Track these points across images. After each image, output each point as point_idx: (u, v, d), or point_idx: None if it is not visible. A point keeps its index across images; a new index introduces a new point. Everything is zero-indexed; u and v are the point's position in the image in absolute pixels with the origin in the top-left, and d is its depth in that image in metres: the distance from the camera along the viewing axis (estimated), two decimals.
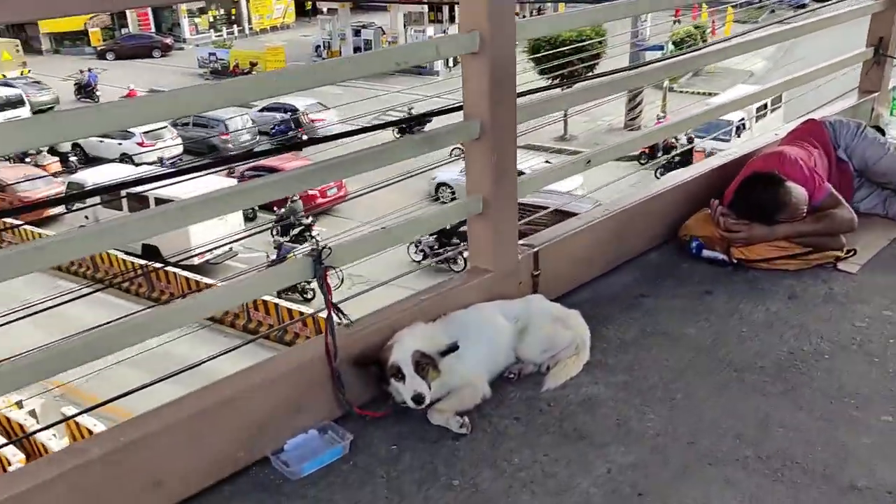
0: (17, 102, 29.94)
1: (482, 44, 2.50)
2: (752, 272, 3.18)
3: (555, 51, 27.75)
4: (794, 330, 2.77)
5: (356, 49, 38.89)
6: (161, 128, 26.33)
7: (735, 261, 3.20)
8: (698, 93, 30.75)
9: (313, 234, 18.70)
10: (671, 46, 29.65)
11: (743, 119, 22.39)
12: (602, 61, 27.22)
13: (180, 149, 26.75)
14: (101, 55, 43.25)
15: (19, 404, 14.20)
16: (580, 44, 28.15)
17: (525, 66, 23.47)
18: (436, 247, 18.34)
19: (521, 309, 2.69)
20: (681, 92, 30.95)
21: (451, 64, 39.82)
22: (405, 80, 32.73)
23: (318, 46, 41.90)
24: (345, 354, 2.36)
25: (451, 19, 46.23)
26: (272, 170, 20.73)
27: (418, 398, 2.31)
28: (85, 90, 34.41)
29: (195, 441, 2.10)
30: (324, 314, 2.32)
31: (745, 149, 3.78)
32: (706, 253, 3.26)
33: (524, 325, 2.64)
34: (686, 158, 22.80)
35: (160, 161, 24.72)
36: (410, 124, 19.68)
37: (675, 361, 2.62)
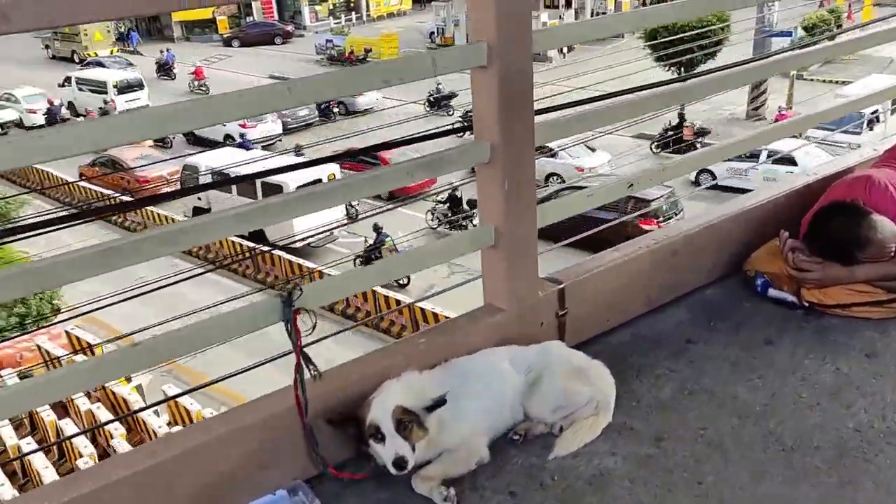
0: (136, 85, 31.45)
1: (490, 56, 2.17)
2: (827, 319, 2.69)
3: (673, 38, 26.71)
4: (866, 399, 2.29)
5: (469, 37, 38.58)
6: None
7: (806, 304, 2.73)
8: (830, 81, 28.70)
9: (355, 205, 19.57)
10: (801, 32, 27.83)
11: (877, 111, 20.68)
12: (724, 49, 25.89)
13: (279, 129, 27.29)
14: (227, 42, 44.95)
15: (128, 378, 14.85)
16: (701, 30, 27.06)
17: (636, 55, 22.70)
18: (448, 214, 20.15)
19: (535, 357, 2.35)
20: (810, 80, 29.00)
21: (565, 50, 39.02)
22: None
23: (433, 33, 42.03)
24: (323, 407, 2.11)
25: (568, 4, 45.29)
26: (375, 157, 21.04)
27: (400, 463, 2.02)
28: (163, 68, 37.62)
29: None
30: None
31: (829, 169, 3.25)
32: (772, 293, 2.80)
33: (536, 376, 2.30)
34: (678, 135, 23.64)
35: (241, 138, 25.59)
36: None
37: (713, 431, 2.21)
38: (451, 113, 28.09)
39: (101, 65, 37.09)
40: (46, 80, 34.05)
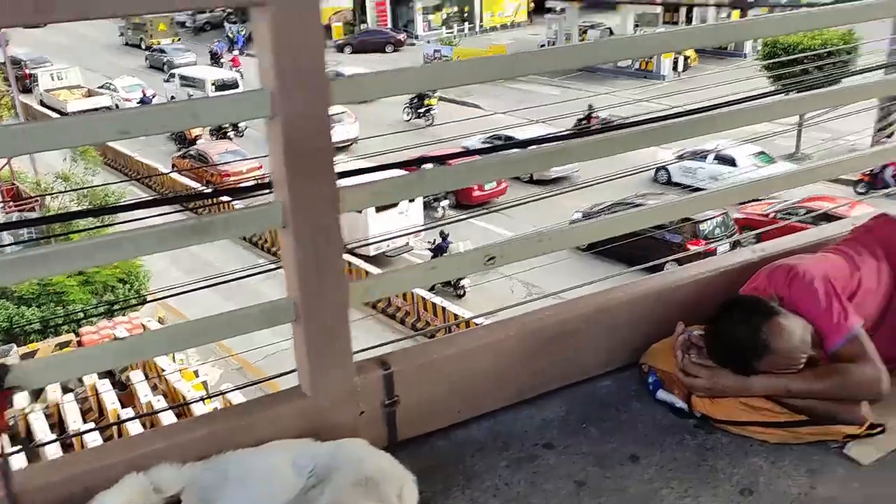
0: (231, 84, 32.60)
1: (274, 105, 1.85)
2: (718, 436, 2.19)
3: (789, 58, 25.45)
4: None
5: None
6: None
7: (698, 414, 2.26)
8: None
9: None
10: None
11: None
12: (849, 72, 24.23)
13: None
14: (339, 49, 45.95)
15: (196, 373, 15.19)
16: (822, 51, 25.69)
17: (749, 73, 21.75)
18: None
19: (325, 458, 2.00)
20: None
21: (680, 67, 37.61)
22: (628, 82, 32.20)
23: (543, 45, 41.58)
24: (47, 500, 1.84)
25: (689, 20, 43.66)
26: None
27: None
28: (214, 57, 41.93)
29: None
30: None
31: (778, 246, 2.70)
32: (661, 395, 2.34)
33: (318, 482, 1.96)
34: (587, 128, 22.84)
35: None
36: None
37: None
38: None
39: (163, 52, 42.14)
40: (122, 64, 40.31)
